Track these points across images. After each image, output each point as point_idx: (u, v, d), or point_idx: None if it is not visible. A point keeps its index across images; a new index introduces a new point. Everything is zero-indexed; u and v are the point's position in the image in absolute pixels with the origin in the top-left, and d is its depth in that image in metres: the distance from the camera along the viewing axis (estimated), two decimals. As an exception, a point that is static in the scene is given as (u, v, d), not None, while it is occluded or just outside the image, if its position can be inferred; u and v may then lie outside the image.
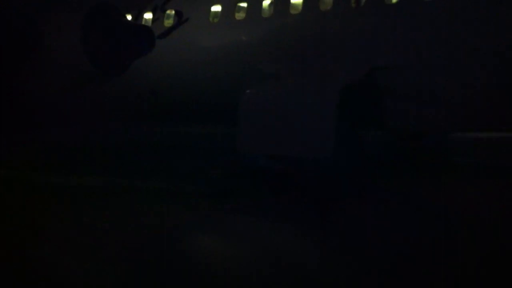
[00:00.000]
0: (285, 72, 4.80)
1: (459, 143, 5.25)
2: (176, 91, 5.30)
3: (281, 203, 4.32)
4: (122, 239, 3.58)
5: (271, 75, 4.80)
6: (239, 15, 5.40)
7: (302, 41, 4.88)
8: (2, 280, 2.98)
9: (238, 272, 3.12)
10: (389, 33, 4.63)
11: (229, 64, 5.11)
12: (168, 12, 5.67)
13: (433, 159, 5.18)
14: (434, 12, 4.55)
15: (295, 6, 5.11)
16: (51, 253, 3.38)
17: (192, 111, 5.32)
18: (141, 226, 3.85)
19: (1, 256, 3.27)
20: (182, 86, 5.30)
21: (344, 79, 4.50)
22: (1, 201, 4.47)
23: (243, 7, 5.36)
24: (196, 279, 3.00)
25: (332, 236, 3.63)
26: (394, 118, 4.59)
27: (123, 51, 5.21)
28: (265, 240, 3.62)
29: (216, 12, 5.51)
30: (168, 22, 5.73)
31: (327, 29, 4.85)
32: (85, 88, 5.50)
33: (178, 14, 5.57)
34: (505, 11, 4.37)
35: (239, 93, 4.60)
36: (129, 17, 5.84)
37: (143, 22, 5.81)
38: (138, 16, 5.78)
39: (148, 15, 5.92)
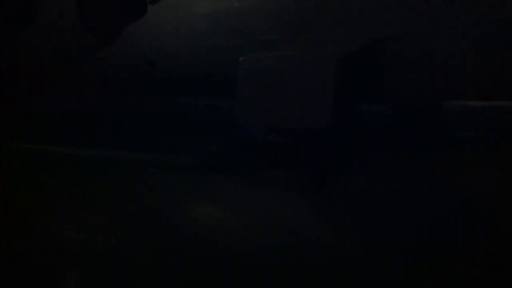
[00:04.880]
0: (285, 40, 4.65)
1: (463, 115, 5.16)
2: (171, 60, 5.15)
3: (281, 175, 4.28)
4: (117, 212, 3.57)
5: (270, 43, 4.66)
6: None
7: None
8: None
9: (238, 243, 3.10)
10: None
11: (227, 30, 4.95)
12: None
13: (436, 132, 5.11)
14: None
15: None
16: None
17: (189, 81, 5.19)
18: (138, 199, 3.81)
19: None
20: (177, 54, 5.14)
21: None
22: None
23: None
24: (194, 250, 2.99)
25: (332, 208, 3.61)
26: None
27: (114, 15, 5.08)
28: (265, 212, 3.60)
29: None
30: (160, -15, 5.54)
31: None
32: (80, 57, 5.38)
33: None
34: None
35: (238, 62, 4.45)
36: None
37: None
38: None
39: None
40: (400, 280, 2.67)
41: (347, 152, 4.37)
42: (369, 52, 4.41)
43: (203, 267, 2.83)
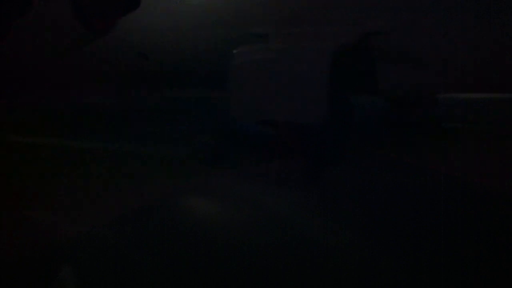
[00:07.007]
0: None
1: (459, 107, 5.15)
2: (165, 53, 5.10)
3: (274, 170, 4.26)
4: (110, 206, 3.57)
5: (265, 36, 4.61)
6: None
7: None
8: None
9: (231, 237, 3.10)
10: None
11: (223, 22, 4.88)
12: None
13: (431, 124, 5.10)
14: None
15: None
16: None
17: (183, 74, 5.16)
18: (131, 192, 3.81)
19: None
20: (171, 47, 5.09)
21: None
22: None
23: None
24: (188, 245, 2.99)
25: (326, 202, 3.61)
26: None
27: (108, 8, 5.04)
28: (258, 206, 3.60)
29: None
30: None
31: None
32: (73, 50, 5.34)
33: None
34: None
35: (232, 55, 4.41)
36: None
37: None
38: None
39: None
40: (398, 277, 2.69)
41: (342, 145, 4.36)
42: (363, 46, 4.38)
43: (198, 260, 2.84)
